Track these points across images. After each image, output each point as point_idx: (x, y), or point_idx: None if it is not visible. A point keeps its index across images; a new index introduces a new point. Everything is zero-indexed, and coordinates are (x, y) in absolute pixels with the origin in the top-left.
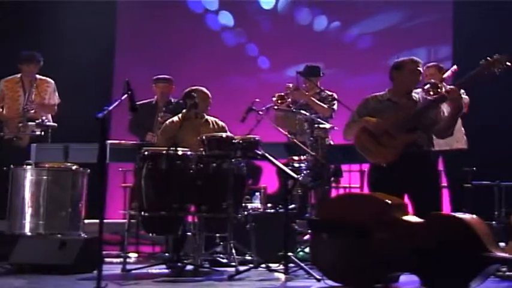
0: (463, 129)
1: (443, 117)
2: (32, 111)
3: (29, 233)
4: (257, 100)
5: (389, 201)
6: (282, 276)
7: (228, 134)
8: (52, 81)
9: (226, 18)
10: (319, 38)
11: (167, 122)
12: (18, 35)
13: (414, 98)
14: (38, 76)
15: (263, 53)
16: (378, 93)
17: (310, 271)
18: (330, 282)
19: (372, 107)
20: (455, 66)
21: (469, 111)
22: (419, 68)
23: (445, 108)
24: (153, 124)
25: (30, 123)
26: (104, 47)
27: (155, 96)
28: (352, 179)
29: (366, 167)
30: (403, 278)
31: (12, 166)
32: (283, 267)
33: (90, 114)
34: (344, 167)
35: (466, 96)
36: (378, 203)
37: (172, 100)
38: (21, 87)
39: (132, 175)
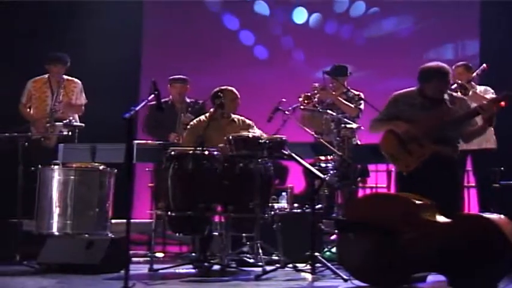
0: (492, 128)
1: (474, 128)
2: (60, 111)
3: (56, 233)
4: (284, 100)
5: (417, 202)
6: (308, 276)
7: (255, 134)
8: (79, 82)
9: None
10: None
11: (193, 121)
12: (45, 36)
13: (446, 101)
14: (65, 77)
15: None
16: (408, 91)
17: (337, 271)
18: (357, 282)
19: (402, 109)
20: (484, 65)
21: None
22: (448, 78)
23: (478, 118)
24: (173, 124)
25: (57, 123)
26: (131, 47)
27: (170, 97)
28: (379, 179)
29: (392, 167)
30: (431, 278)
31: (40, 166)
32: (310, 267)
33: (117, 115)
34: (371, 167)
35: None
36: (406, 203)
37: (188, 100)
38: (49, 87)
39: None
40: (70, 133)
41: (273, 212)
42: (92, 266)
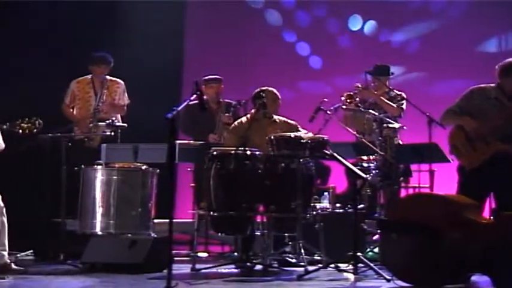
0: None
1: None
2: (103, 112)
3: (99, 233)
4: (325, 100)
5: (461, 202)
6: (351, 277)
7: (297, 134)
8: (122, 82)
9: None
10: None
11: (236, 122)
12: (88, 36)
13: None
14: (108, 77)
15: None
16: (485, 86)
17: (380, 271)
18: (400, 283)
19: (476, 103)
20: None
21: None
22: None
23: None
24: (208, 124)
25: (100, 123)
26: (173, 48)
27: (204, 97)
28: (421, 179)
29: (435, 167)
30: (474, 278)
31: (83, 166)
32: (352, 267)
33: (159, 115)
34: (413, 167)
35: None
36: (449, 203)
37: (222, 100)
38: (92, 88)
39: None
40: (113, 133)
41: (315, 212)
42: (135, 265)
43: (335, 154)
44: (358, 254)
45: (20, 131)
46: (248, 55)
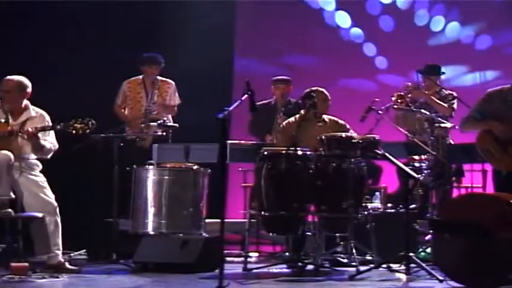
0: None
1: None
2: (154, 112)
3: (151, 232)
4: (377, 99)
5: None
6: (403, 277)
7: (348, 133)
8: (173, 82)
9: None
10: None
11: (285, 122)
12: (139, 37)
13: None
14: (159, 77)
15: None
16: (502, 87)
17: (432, 272)
18: (453, 283)
19: (496, 107)
20: None
21: None
22: None
23: None
24: (271, 125)
25: (152, 124)
26: (223, 47)
27: (273, 97)
28: (474, 179)
29: (488, 166)
30: None
31: (134, 166)
32: (404, 267)
33: (210, 115)
34: (466, 167)
35: None
36: (501, 202)
37: (291, 100)
38: (143, 88)
39: (252, 175)
40: (164, 133)
41: (366, 212)
42: (187, 265)
43: (386, 154)
44: (410, 254)
45: (74, 131)
46: (300, 54)
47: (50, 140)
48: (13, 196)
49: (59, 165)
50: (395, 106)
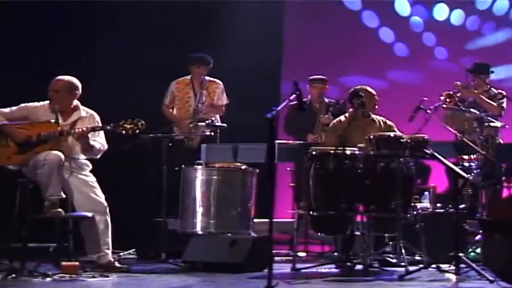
0: None
1: None
2: (202, 112)
3: (200, 232)
4: (425, 99)
5: None
6: (453, 277)
7: (396, 133)
8: (220, 82)
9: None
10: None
11: (334, 121)
12: (187, 37)
13: None
14: (207, 78)
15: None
16: None
17: (482, 272)
18: (504, 284)
19: None
20: None
21: None
22: None
23: None
24: (311, 124)
25: (200, 123)
26: (272, 47)
27: (308, 96)
28: None
29: None
30: None
31: (183, 166)
32: (454, 267)
33: (258, 115)
34: None
35: None
36: None
37: (326, 100)
38: (192, 88)
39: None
40: (212, 133)
41: (415, 212)
42: (235, 264)
43: (435, 153)
44: (460, 254)
45: (123, 131)
46: (346, 53)
47: (99, 141)
48: (64, 196)
49: (109, 165)
50: (444, 105)
